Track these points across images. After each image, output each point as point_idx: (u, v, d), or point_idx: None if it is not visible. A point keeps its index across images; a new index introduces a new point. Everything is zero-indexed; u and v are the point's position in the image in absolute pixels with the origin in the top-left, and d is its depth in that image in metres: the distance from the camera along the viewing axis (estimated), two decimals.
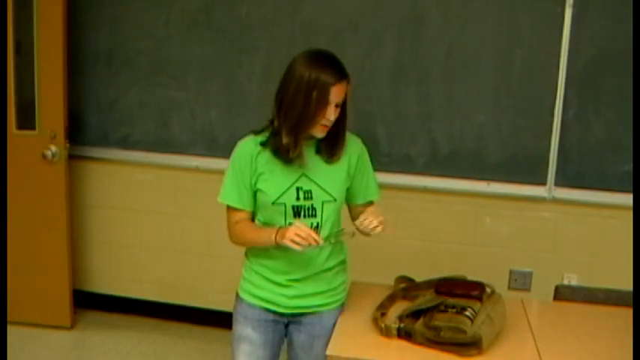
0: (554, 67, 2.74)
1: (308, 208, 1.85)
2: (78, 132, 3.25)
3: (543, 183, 2.85)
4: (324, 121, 1.79)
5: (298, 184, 1.85)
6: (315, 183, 1.85)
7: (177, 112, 3.17)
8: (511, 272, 3.00)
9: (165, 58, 3.13)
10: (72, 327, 3.27)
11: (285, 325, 1.96)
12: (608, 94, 2.73)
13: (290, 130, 1.79)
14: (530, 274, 2.99)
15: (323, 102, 1.76)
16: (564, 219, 2.91)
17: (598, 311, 2.15)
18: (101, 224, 3.43)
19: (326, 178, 1.87)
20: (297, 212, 1.85)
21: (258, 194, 1.86)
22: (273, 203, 1.84)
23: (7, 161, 2.97)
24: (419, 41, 2.86)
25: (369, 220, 1.74)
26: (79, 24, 3.17)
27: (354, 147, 1.93)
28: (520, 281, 2.99)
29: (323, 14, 2.93)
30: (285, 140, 1.79)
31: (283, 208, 1.84)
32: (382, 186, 1.99)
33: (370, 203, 1.96)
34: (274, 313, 1.92)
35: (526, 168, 2.85)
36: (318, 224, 1.86)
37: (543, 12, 2.73)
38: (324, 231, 1.87)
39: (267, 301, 1.92)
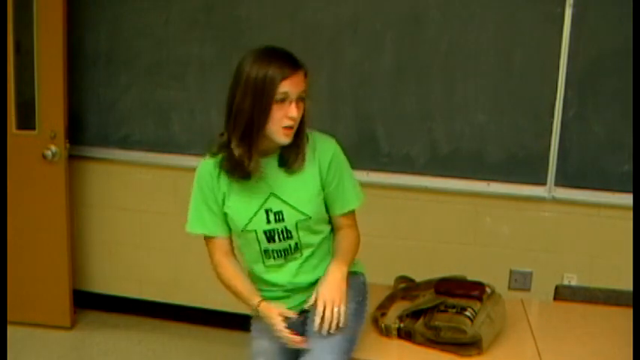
0: (554, 67, 2.74)
1: (282, 231, 1.74)
2: (78, 132, 3.25)
3: (543, 183, 2.85)
4: (285, 122, 1.63)
5: (267, 206, 1.73)
6: (286, 202, 1.73)
7: (177, 112, 3.17)
8: (511, 272, 3.00)
9: (166, 58, 3.13)
10: (72, 327, 3.27)
11: (302, 322, 1.83)
12: (608, 94, 2.73)
13: (241, 139, 1.64)
14: (530, 274, 2.99)
15: (276, 99, 1.60)
16: (564, 219, 2.90)
17: (598, 311, 2.15)
18: (101, 224, 3.43)
19: (297, 195, 1.73)
20: (270, 237, 1.75)
21: (228, 219, 1.76)
22: (242, 230, 1.75)
23: (7, 161, 2.97)
24: (419, 41, 2.86)
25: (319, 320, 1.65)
26: (79, 24, 3.17)
27: (324, 149, 1.76)
28: (520, 281, 2.99)
29: (323, 14, 2.93)
30: (237, 152, 1.64)
31: (254, 234, 1.75)
32: (382, 186, 1.95)
33: (351, 212, 1.85)
34: (287, 318, 1.83)
35: (526, 168, 2.85)
36: (296, 244, 1.78)
37: (543, 12, 2.72)
38: (305, 249, 1.79)
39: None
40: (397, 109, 2.93)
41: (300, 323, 1.83)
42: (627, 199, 2.73)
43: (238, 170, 1.69)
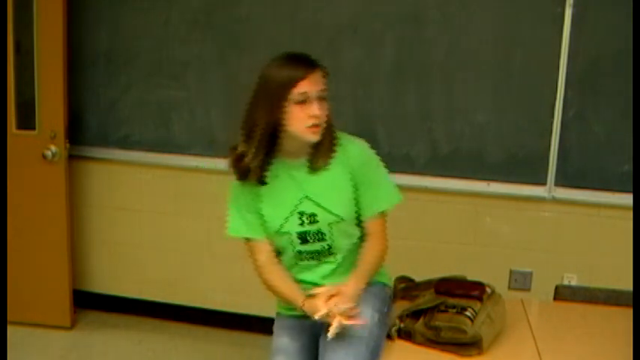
0: (554, 67, 2.74)
1: (315, 233, 1.77)
2: (78, 132, 3.25)
3: (543, 183, 2.85)
4: (309, 121, 1.66)
5: (301, 209, 1.75)
6: (318, 205, 1.75)
7: (177, 112, 3.17)
8: (511, 272, 3.00)
9: (165, 58, 3.13)
10: (72, 327, 3.27)
11: (321, 325, 1.83)
12: (608, 94, 2.73)
13: (245, 139, 1.70)
14: (530, 274, 2.98)
15: (295, 100, 1.64)
16: (564, 219, 2.90)
17: (598, 311, 2.16)
18: (101, 224, 3.43)
19: (329, 197, 1.76)
20: (303, 238, 1.78)
21: (263, 221, 1.79)
22: (276, 232, 1.78)
23: (7, 161, 2.97)
24: (419, 41, 2.86)
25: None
26: (79, 24, 3.17)
27: (354, 150, 1.79)
28: (520, 281, 2.99)
29: (323, 14, 2.93)
30: (240, 148, 1.70)
31: (288, 237, 1.78)
32: None
33: (381, 217, 1.85)
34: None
35: (526, 168, 2.85)
36: (329, 246, 1.79)
37: (543, 12, 2.72)
38: (339, 251, 1.81)
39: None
40: (397, 109, 2.93)
41: (320, 324, 1.84)
42: (627, 199, 2.73)
43: (240, 168, 1.73)
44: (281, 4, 2.97)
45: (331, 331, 1.65)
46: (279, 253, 1.86)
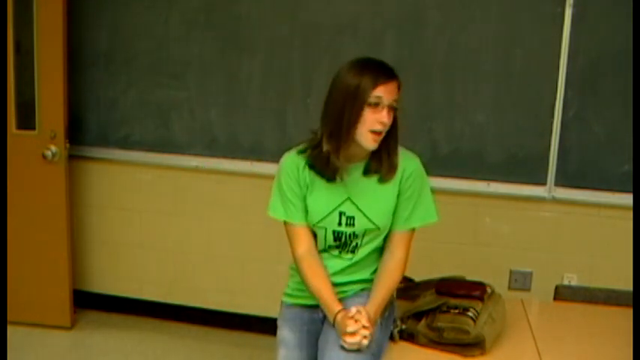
0: (554, 67, 2.74)
1: (349, 235, 1.81)
2: (78, 132, 3.25)
3: (543, 183, 2.85)
4: (376, 126, 1.68)
5: (342, 209, 1.79)
6: (360, 210, 1.79)
7: (177, 111, 3.17)
8: (511, 272, 3.00)
9: (166, 58, 3.13)
10: (72, 327, 3.27)
11: (321, 321, 1.89)
12: (608, 94, 2.73)
13: (330, 136, 1.71)
14: (530, 274, 2.99)
15: (369, 102, 1.66)
16: (564, 219, 2.91)
17: (598, 311, 2.16)
18: (101, 224, 3.43)
19: (372, 205, 1.79)
20: (337, 237, 1.82)
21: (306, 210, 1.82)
22: (314, 225, 1.82)
23: (7, 161, 2.97)
24: (419, 41, 2.86)
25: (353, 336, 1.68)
26: (79, 24, 3.17)
27: (407, 164, 1.83)
28: (520, 281, 2.99)
29: (323, 14, 2.93)
30: (325, 147, 1.72)
31: (324, 232, 1.82)
32: None
33: (411, 233, 1.87)
34: (312, 307, 1.88)
35: (526, 168, 2.86)
36: (357, 244, 1.84)
37: (543, 12, 2.73)
38: (363, 251, 1.84)
39: (309, 297, 1.87)
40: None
41: (320, 321, 1.88)
42: (627, 199, 2.73)
43: (324, 165, 1.75)
44: (281, 4, 2.97)
45: (348, 342, 1.68)
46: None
